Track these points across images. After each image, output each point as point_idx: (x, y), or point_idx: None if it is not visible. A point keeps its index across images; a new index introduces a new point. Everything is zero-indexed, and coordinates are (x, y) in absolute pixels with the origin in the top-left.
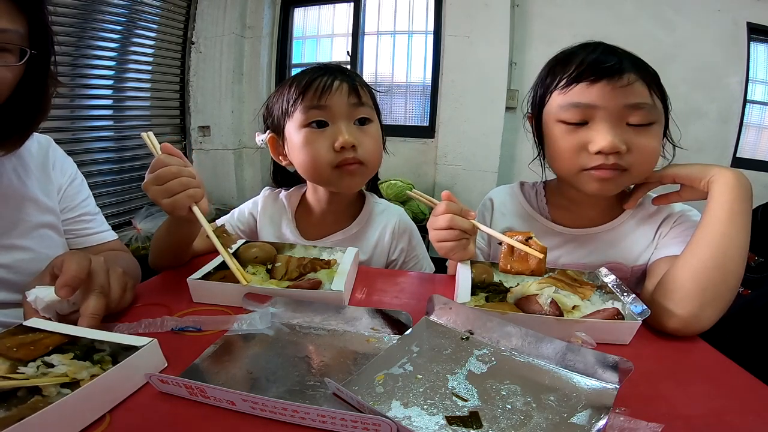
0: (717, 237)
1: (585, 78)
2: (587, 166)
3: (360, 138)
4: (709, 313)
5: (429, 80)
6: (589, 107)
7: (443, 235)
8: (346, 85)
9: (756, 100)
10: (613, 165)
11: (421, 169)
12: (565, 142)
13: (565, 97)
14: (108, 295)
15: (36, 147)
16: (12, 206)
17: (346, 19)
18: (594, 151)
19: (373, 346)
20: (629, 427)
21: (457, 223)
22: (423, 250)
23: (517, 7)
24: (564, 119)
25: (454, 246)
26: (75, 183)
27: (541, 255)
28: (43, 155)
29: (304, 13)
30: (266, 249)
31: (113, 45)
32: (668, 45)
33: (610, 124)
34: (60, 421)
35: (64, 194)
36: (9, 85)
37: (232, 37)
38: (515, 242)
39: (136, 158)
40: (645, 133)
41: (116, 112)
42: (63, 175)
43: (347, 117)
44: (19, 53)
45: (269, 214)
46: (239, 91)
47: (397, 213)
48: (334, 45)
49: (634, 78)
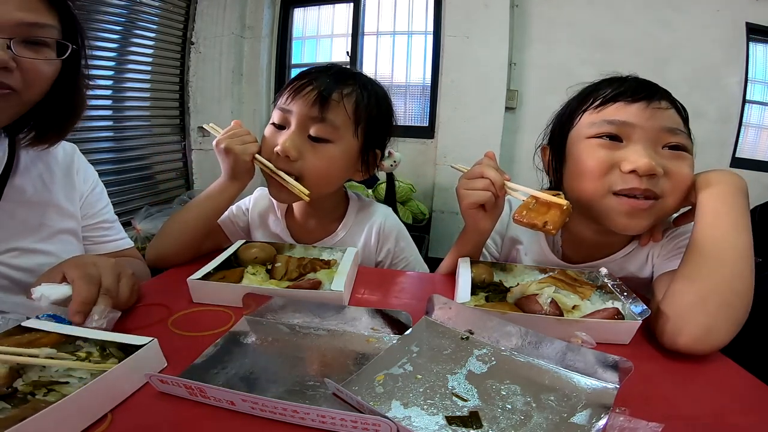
0: (708, 244)
1: (623, 97)
2: (616, 187)
3: (305, 152)
4: (721, 324)
5: (429, 80)
6: (625, 125)
7: (472, 183)
8: (315, 94)
9: (755, 100)
10: (645, 190)
11: (421, 170)
12: (593, 159)
13: (599, 115)
14: (115, 297)
15: (62, 153)
16: (37, 211)
17: (346, 20)
18: (627, 170)
19: (373, 346)
20: (629, 427)
21: (489, 171)
22: (413, 252)
23: (516, 8)
24: (596, 134)
25: (479, 195)
26: (96, 191)
27: (565, 203)
28: (68, 162)
29: (304, 13)
30: (266, 249)
31: (113, 45)
32: (668, 45)
33: (647, 145)
34: (62, 421)
35: (86, 201)
36: (49, 80)
37: (232, 37)
38: (543, 194)
39: (136, 158)
40: (681, 159)
41: (116, 113)
42: (86, 182)
43: (301, 125)
44: (56, 48)
45: (259, 211)
46: (239, 91)
47: (383, 213)
48: (334, 45)
49: (669, 105)
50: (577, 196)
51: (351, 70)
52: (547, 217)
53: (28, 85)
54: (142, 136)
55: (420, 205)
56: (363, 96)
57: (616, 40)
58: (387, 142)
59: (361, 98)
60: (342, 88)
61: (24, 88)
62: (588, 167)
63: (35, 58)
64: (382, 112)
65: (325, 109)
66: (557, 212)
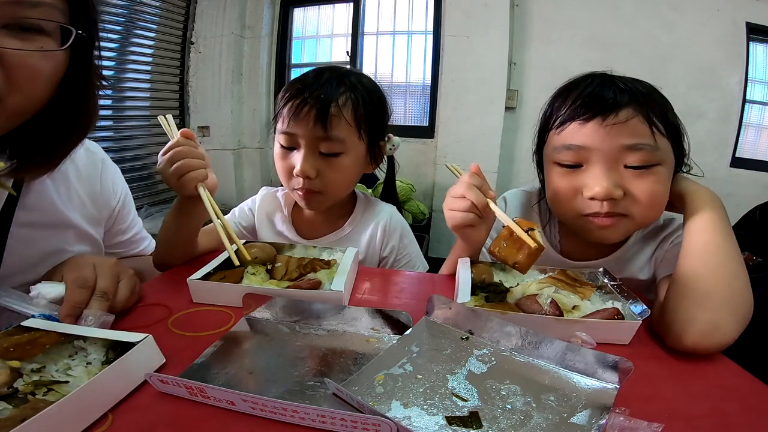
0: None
1: (577, 117)
2: (584, 212)
3: (322, 168)
4: (726, 320)
5: (428, 80)
6: (582, 149)
7: (455, 203)
8: (314, 113)
9: (755, 100)
10: (607, 213)
11: (421, 169)
12: (560, 185)
13: (559, 137)
14: (110, 299)
15: (83, 157)
16: (49, 233)
17: (346, 19)
18: (588, 197)
19: (373, 346)
20: (629, 427)
21: (471, 193)
22: (416, 250)
23: (516, 7)
24: (558, 161)
25: (462, 217)
26: (126, 201)
27: (534, 245)
28: (91, 171)
29: (304, 13)
30: (266, 249)
31: (113, 45)
32: (668, 45)
33: (605, 168)
34: (62, 421)
35: (117, 217)
36: (48, 79)
37: (232, 37)
38: (516, 227)
39: (136, 158)
40: (645, 177)
41: (116, 112)
42: (115, 196)
43: (311, 146)
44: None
45: (266, 211)
46: (239, 91)
47: (389, 211)
48: (334, 45)
49: (631, 114)
50: (556, 215)
51: (338, 71)
52: (518, 257)
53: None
54: (142, 136)
55: (420, 204)
56: (357, 98)
57: (616, 40)
58: (386, 130)
59: (357, 101)
60: (337, 98)
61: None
62: (556, 194)
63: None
64: (377, 104)
65: (328, 126)
66: (526, 253)
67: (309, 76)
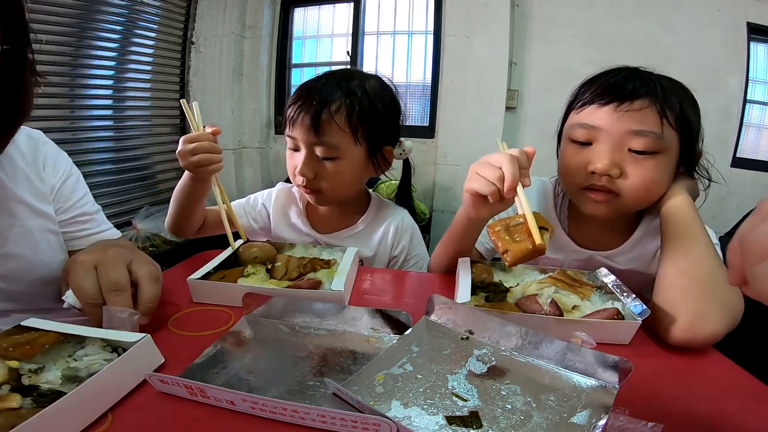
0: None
1: (596, 101)
2: (583, 185)
3: (319, 171)
4: (712, 310)
5: (429, 80)
6: (593, 129)
7: (485, 170)
8: (308, 119)
9: (756, 100)
10: (601, 187)
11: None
12: (570, 160)
13: (577, 117)
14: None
15: (25, 142)
16: (3, 211)
17: (346, 19)
18: (590, 171)
19: (373, 346)
20: (629, 427)
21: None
22: (423, 250)
23: (517, 7)
24: (572, 137)
25: (485, 186)
26: (69, 181)
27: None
28: (33, 153)
29: (304, 13)
30: (266, 249)
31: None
32: (668, 45)
33: (610, 147)
34: (63, 421)
35: (58, 195)
36: None
37: (232, 37)
38: (532, 218)
39: (136, 158)
40: (645, 162)
41: (116, 112)
42: (55, 174)
43: (308, 149)
44: None
45: (282, 206)
46: (239, 91)
47: (401, 213)
48: (334, 45)
49: (646, 104)
50: (563, 187)
51: (340, 75)
52: (512, 246)
53: None
54: (142, 136)
55: (420, 204)
56: (353, 104)
57: (616, 40)
58: (398, 134)
59: (352, 107)
60: (329, 105)
61: None
62: (566, 168)
63: None
64: (381, 109)
65: (320, 132)
66: (524, 247)
67: (313, 81)
